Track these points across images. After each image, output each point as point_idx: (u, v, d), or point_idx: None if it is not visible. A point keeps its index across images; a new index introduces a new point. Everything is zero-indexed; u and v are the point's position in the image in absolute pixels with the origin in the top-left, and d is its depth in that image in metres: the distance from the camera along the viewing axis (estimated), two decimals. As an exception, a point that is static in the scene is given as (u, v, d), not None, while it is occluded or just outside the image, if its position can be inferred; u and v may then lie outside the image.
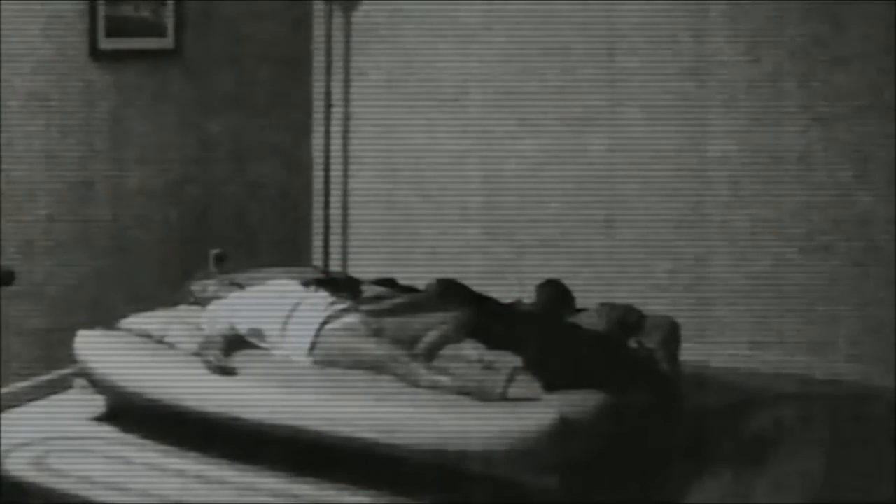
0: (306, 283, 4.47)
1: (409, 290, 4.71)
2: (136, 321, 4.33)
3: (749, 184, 5.12)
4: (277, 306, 4.22)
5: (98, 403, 4.30)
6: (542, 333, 4.07)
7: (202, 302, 4.47)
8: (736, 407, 4.66)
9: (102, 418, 4.28)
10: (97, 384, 4.21)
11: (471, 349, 4.09)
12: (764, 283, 5.13)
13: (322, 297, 4.33)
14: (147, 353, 4.15)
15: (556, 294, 4.59)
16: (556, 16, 5.40)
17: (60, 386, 4.59)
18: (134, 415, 4.19)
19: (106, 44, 4.68)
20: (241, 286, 4.52)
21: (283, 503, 3.62)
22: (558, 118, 5.45)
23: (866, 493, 3.84)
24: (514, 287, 4.84)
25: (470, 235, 5.69)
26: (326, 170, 5.94)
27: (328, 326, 4.13)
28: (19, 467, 3.82)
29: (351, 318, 4.17)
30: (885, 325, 4.91)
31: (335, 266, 5.92)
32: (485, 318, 4.23)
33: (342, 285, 4.58)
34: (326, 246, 5.96)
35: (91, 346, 4.20)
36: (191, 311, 4.44)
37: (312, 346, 4.08)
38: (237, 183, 5.56)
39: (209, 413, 3.88)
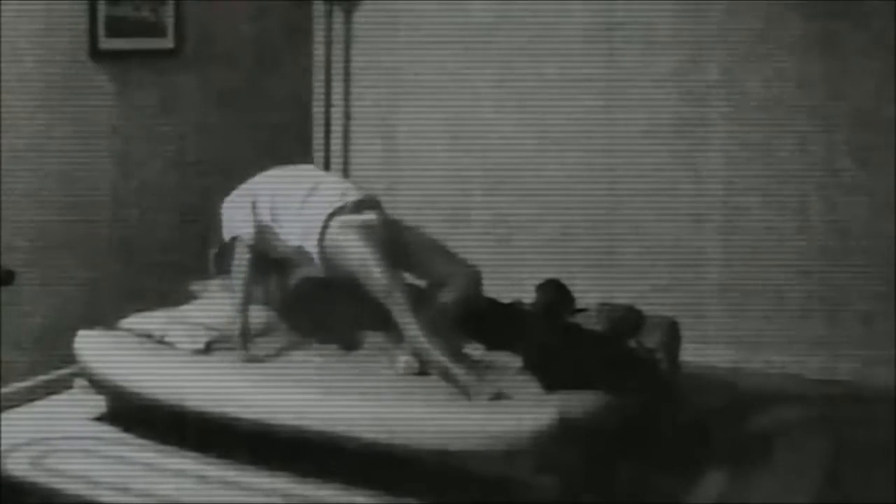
0: None
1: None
2: (136, 321, 4.33)
3: (749, 184, 5.12)
4: (297, 187, 4.22)
5: (98, 403, 4.30)
6: (542, 333, 4.07)
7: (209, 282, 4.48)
8: (736, 407, 4.66)
9: (102, 418, 4.28)
10: (97, 384, 4.21)
11: (470, 349, 4.09)
12: (764, 283, 5.13)
13: (342, 182, 4.31)
14: (147, 353, 4.15)
15: (555, 294, 4.59)
16: (557, 16, 5.39)
17: (60, 386, 4.59)
18: (134, 415, 4.19)
19: (106, 44, 4.68)
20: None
21: (283, 503, 3.62)
22: (559, 118, 5.44)
23: (867, 493, 3.84)
24: (513, 287, 4.83)
25: (470, 235, 5.68)
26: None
27: (340, 218, 4.09)
28: (19, 467, 3.82)
29: (368, 216, 4.14)
30: (885, 324, 4.91)
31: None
32: (485, 318, 4.23)
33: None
34: (326, 246, 5.96)
35: (91, 346, 4.20)
36: (191, 310, 4.44)
37: (322, 237, 4.06)
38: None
39: (209, 413, 3.88)
